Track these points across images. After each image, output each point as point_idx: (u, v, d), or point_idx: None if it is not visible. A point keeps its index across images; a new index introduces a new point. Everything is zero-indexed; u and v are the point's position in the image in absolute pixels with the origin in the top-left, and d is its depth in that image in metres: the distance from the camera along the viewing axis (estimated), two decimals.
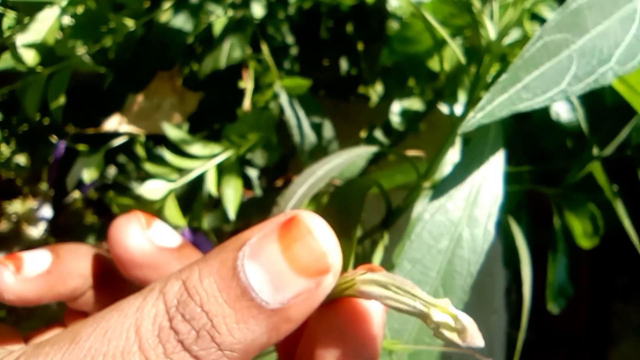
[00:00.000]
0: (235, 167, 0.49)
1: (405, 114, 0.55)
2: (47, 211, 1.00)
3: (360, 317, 0.19)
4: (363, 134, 0.68)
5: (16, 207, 1.08)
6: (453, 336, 0.16)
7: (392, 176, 0.53)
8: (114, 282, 0.24)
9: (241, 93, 0.57)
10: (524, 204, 0.46)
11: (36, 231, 1.17)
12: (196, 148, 0.48)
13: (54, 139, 0.68)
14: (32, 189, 1.09)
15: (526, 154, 0.44)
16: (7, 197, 1.09)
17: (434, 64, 0.56)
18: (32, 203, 1.07)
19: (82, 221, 0.88)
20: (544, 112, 0.44)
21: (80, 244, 0.24)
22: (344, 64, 0.71)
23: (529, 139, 0.44)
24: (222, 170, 0.50)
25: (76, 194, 0.86)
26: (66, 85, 0.44)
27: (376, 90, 0.75)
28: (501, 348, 0.81)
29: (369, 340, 0.19)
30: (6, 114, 0.70)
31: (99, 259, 0.23)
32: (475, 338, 0.16)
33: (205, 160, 0.48)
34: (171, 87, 0.58)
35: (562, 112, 0.42)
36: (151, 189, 0.46)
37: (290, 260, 0.16)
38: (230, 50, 0.58)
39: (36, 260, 0.22)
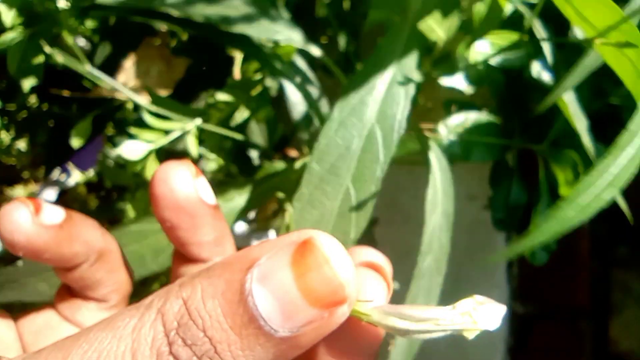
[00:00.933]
0: (216, 135, 0.51)
1: None
2: (49, 195, 1.02)
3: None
4: None
5: (18, 192, 1.10)
6: (474, 331, 0.17)
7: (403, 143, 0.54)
8: (109, 263, 0.24)
9: (231, 60, 0.58)
10: (516, 164, 0.47)
11: None
12: (177, 111, 0.50)
13: (52, 124, 0.70)
14: (33, 174, 1.10)
15: (517, 114, 0.45)
16: (9, 183, 1.11)
17: (430, 34, 0.57)
18: (34, 188, 1.08)
19: (86, 206, 0.90)
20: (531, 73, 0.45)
21: (89, 218, 0.24)
22: (342, 41, 0.72)
23: (518, 100, 0.45)
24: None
25: (79, 178, 0.88)
26: (47, 44, 0.45)
27: None
28: (503, 321, 0.81)
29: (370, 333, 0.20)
30: (5, 101, 0.71)
31: (102, 235, 0.24)
32: (491, 322, 0.17)
33: (185, 122, 0.49)
34: (159, 54, 0.59)
35: (542, 72, 0.43)
36: (130, 150, 0.48)
37: (304, 290, 0.15)
38: None
39: (52, 212, 0.21)
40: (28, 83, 0.64)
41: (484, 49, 0.50)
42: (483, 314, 0.17)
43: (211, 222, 0.23)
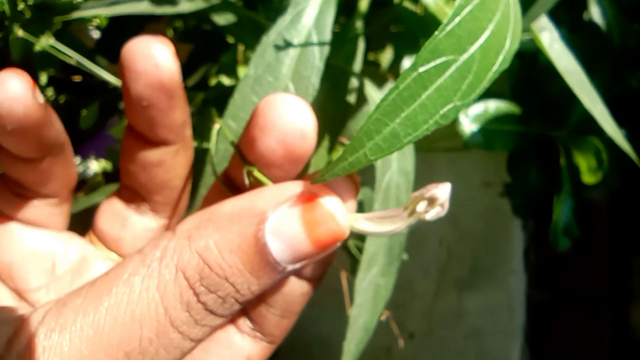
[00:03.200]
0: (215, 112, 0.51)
1: None
2: None
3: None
4: None
5: None
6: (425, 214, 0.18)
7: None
8: (67, 157, 0.23)
9: (234, 46, 0.58)
10: (533, 150, 0.46)
11: None
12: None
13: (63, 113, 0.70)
14: None
15: (533, 100, 0.44)
16: None
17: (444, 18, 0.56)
18: None
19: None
20: (548, 59, 0.44)
21: None
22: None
23: (535, 86, 0.44)
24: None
25: (96, 168, 0.89)
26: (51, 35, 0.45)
27: (386, 56, 0.75)
28: (521, 309, 0.81)
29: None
30: None
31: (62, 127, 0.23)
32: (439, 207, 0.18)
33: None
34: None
35: (560, 57, 0.42)
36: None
37: (314, 239, 0.18)
38: None
39: (37, 91, 0.20)
40: (44, 76, 0.65)
41: None
42: (429, 203, 0.18)
43: (183, 105, 0.22)
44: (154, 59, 0.20)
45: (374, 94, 0.39)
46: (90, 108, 0.58)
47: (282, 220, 0.17)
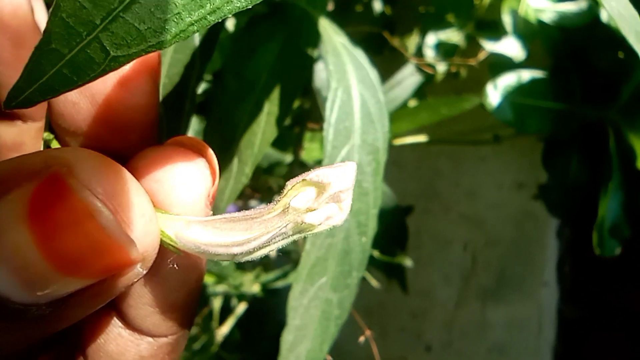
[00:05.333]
0: None
1: (441, 47, 0.50)
2: None
3: None
4: None
5: None
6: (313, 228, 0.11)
7: (436, 108, 0.48)
8: None
9: None
10: (576, 135, 0.39)
11: None
12: None
13: None
14: None
15: (577, 75, 0.38)
16: None
17: None
18: None
19: None
20: (593, 25, 0.38)
21: None
22: (377, 6, 0.66)
23: (580, 59, 0.37)
24: None
25: None
26: None
27: (413, 41, 0.70)
28: (551, 325, 0.73)
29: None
30: None
31: None
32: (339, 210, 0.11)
33: None
34: None
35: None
36: None
37: (57, 260, 0.10)
38: None
39: None
40: None
41: (538, 2, 0.43)
42: (318, 197, 0.11)
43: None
44: None
45: (338, 45, 0.28)
46: None
47: None
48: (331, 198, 0.11)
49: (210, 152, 0.13)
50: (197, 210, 0.12)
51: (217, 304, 0.60)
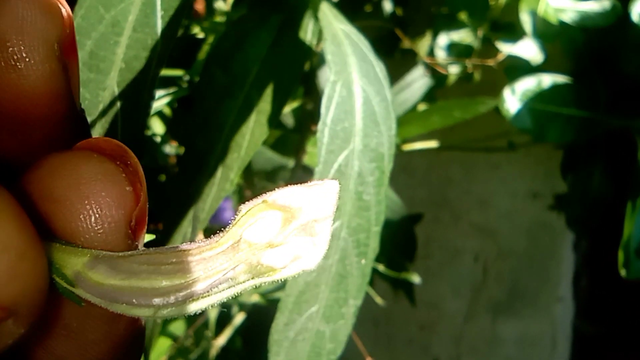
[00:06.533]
0: None
1: (454, 48, 0.47)
2: None
3: None
4: None
5: None
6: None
7: (449, 111, 0.45)
8: None
9: None
10: (599, 145, 0.36)
11: None
12: None
13: None
14: None
15: (601, 81, 0.35)
16: None
17: None
18: None
19: None
20: (622, 28, 0.35)
21: None
22: (387, 6, 0.63)
23: (605, 63, 0.34)
24: None
25: None
26: None
27: (424, 44, 0.67)
28: (566, 342, 0.70)
29: None
30: None
31: None
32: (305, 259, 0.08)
33: None
34: None
35: None
36: None
37: None
38: None
39: None
40: None
41: (559, 2, 0.40)
42: (288, 243, 0.08)
43: None
44: None
45: (339, 32, 0.24)
46: None
47: None
48: (302, 229, 0.08)
49: (135, 160, 0.10)
50: (112, 242, 0.09)
51: (213, 314, 0.57)
